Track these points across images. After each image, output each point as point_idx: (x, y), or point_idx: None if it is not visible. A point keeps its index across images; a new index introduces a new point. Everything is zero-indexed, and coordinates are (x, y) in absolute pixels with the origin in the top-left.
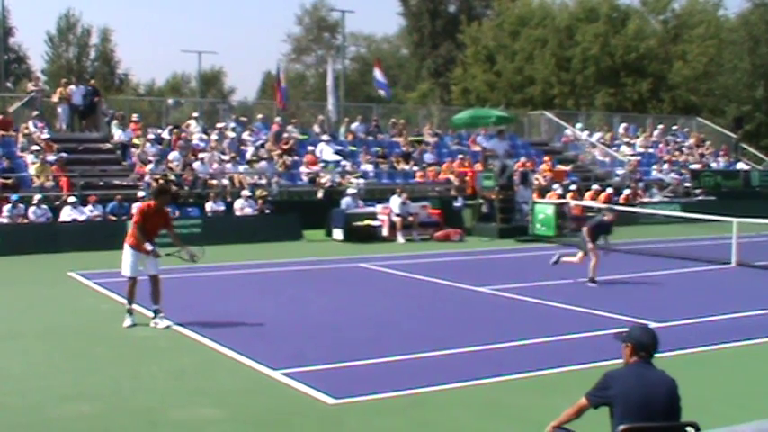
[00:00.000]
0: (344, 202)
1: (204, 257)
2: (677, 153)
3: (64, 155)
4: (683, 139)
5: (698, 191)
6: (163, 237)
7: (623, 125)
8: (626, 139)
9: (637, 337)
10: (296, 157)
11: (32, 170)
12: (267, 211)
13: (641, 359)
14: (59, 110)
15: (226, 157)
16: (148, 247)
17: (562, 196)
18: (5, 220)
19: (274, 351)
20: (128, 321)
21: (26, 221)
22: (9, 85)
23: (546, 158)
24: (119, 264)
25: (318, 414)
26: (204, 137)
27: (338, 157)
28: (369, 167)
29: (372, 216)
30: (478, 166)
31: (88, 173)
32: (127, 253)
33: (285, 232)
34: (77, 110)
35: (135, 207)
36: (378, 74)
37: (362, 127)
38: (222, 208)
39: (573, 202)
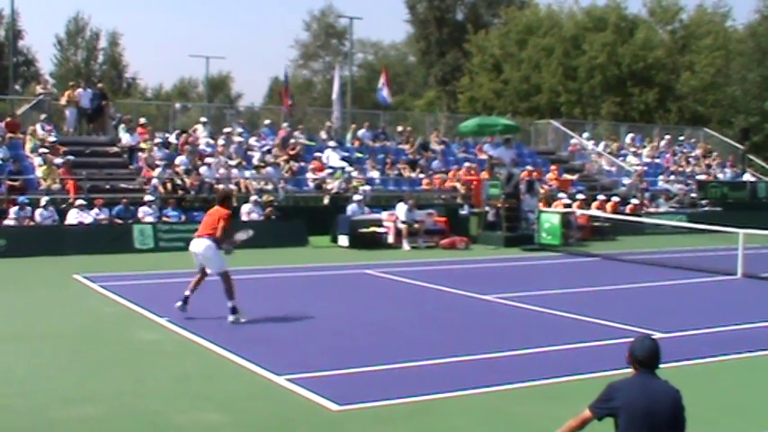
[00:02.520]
0: (350, 208)
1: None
2: (684, 163)
3: (71, 158)
4: (689, 149)
5: (704, 201)
6: None
7: (630, 135)
8: (633, 149)
9: (633, 349)
10: (302, 163)
11: (39, 172)
12: (273, 217)
13: (640, 371)
14: (67, 113)
15: (232, 162)
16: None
17: (568, 205)
18: (12, 222)
19: (279, 357)
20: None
21: (32, 224)
22: (17, 87)
23: (552, 167)
24: (124, 267)
25: (322, 420)
26: (211, 141)
27: (344, 164)
28: (375, 174)
29: (378, 223)
30: (485, 175)
31: (95, 176)
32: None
33: (291, 238)
34: (85, 113)
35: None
36: (381, 81)
37: (369, 134)
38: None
39: (579, 212)
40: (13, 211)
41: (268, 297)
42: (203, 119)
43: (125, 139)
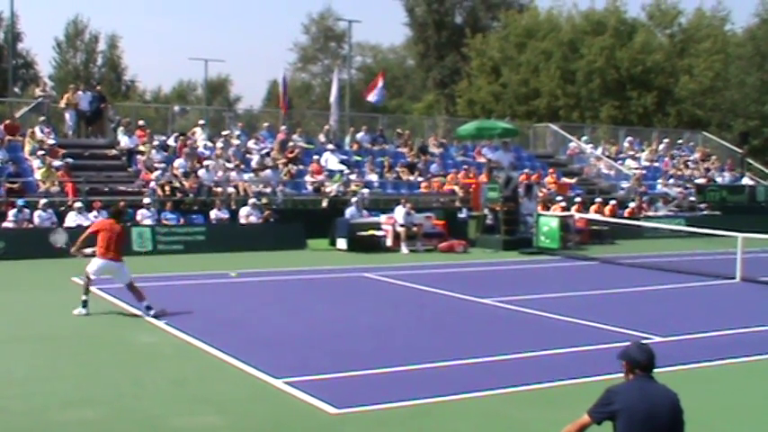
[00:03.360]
0: (349, 211)
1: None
2: (682, 167)
3: (70, 160)
4: (688, 153)
5: (703, 205)
6: None
7: (629, 138)
8: (631, 153)
9: (630, 354)
10: (301, 166)
11: (38, 175)
12: (271, 220)
13: (638, 376)
14: (66, 115)
15: (231, 165)
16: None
17: (567, 209)
18: (11, 225)
19: (277, 360)
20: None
21: (31, 226)
22: (16, 90)
23: (551, 171)
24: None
25: (320, 423)
26: (210, 144)
27: (343, 167)
28: (374, 177)
29: (376, 226)
30: (483, 178)
31: (94, 178)
32: None
33: (289, 241)
34: (84, 116)
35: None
36: (379, 84)
37: (368, 137)
38: (227, 216)
39: (577, 215)
40: (11, 213)
41: (266, 300)
42: (202, 121)
43: (124, 141)
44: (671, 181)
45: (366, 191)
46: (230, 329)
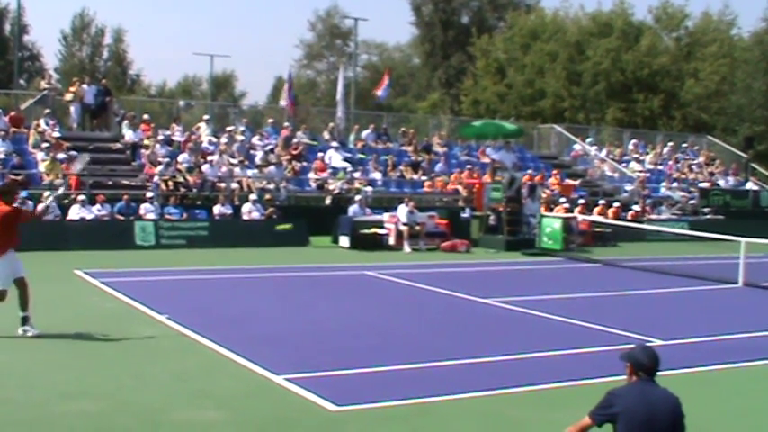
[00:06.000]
0: (352, 209)
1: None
2: (687, 171)
3: (74, 153)
4: (692, 156)
5: (706, 209)
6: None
7: (633, 141)
8: (635, 156)
9: (635, 356)
10: (305, 163)
11: (42, 167)
12: (275, 217)
13: (641, 378)
14: (71, 108)
15: (235, 161)
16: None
17: (570, 210)
18: None
19: (278, 356)
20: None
21: None
22: (22, 82)
23: (555, 172)
24: (125, 263)
25: (320, 420)
26: (214, 140)
27: (347, 164)
28: (377, 175)
29: (379, 224)
30: (487, 178)
31: (97, 172)
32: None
33: (292, 238)
34: (89, 109)
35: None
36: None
37: (372, 135)
38: (230, 211)
39: (580, 217)
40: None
41: (268, 296)
42: (206, 117)
43: (128, 135)
44: (675, 184)
45: (369, 189)
46: (232, 325)
